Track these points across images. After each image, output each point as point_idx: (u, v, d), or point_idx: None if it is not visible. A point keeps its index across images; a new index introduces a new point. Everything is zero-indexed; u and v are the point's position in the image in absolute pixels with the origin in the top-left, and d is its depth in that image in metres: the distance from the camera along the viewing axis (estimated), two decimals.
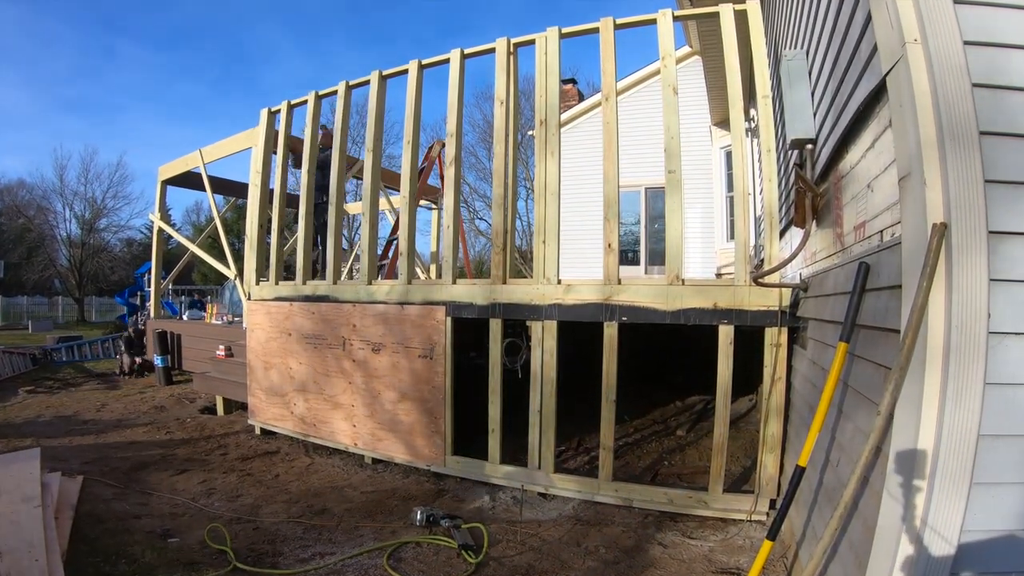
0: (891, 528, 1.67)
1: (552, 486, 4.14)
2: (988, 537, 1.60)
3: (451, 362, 4.49)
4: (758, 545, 3.23)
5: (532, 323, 4.26)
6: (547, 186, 4.21)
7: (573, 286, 4.09)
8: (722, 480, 3.70)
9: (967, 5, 1.72)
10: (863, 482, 1.91)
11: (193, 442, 5.76)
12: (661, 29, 3.92)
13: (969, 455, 1.58)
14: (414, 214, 5.03)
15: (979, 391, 1.58)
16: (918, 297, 1.61)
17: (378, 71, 5.02)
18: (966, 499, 1.58)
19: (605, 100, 4.08)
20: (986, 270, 1.59)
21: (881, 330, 1.94)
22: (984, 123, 1.64)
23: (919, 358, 1.64)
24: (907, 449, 1.65)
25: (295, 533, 3.60)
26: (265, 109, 6.08)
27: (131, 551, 3.27)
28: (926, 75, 1.69)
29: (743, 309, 3.65)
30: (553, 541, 3.45)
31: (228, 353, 7.55)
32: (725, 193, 9.23)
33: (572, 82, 13.38)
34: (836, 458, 2.37)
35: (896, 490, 1.67)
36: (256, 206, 6.13)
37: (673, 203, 3.87)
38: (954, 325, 1.59)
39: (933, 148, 1.65)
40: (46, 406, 7.40)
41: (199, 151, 9.08)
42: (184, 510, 3.97)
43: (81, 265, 29.05)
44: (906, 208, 1.76)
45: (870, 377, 2.02)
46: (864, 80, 2.20)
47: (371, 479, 4.70)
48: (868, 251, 2.18)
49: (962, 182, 1.61)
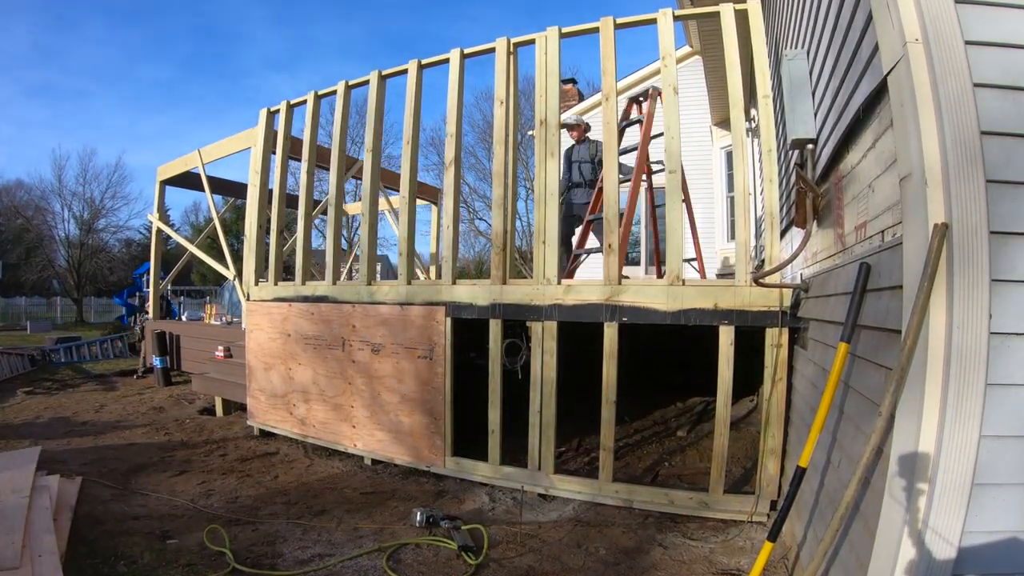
0: (892, 530, 1.66)
1: (552, 487, 4.13)
2: (990, 539, 1.59)
3: (451, 363, 4.48)
4: (759, 546, 3.22)
5: (532, 324, 4.25)
6: (547, 186, 4.20)
7: (573, 286, 4.09)
8: (723, 481, 3.69)
9: (969, 5, 1.72)
10: (864, 483, 1.90)
11: (192, 443, 5.74)
12: (661, 29, 3.92)
13: (971, 456, 1.57)
14: (413, 214, 5.02)
15: (980, 392, 1.57)
16: (919, 298, 1.61)
17: (377, 71, 5.01)
18: (968, 500, 1.58)
19: (605, 100, 4.07)
20: (988, 270, 1.58)
21: (882, 331, 1.94)
22: (986, 123, 1.64)
23: (920, 359, 1.63)
24: (908, 450, 1.64)
25: (294, 534, 3.59)
26: (264, 109, 6.08)
27: (130, 552, 3.26)
28: (927, 75, 1.69)
29: (744, 310, 3.64)
30: (553, 542, 3.45)
31: (227, 354, 7.53)
32: (726, 193, 9.24)
33: (572, 82, 13.37)
34: (837, 459, 2.37)
35: (897, 491, 1.66)
36: (255, 206, 6.12)
37: (674, 203, 3.87)
38: (955, 325, 1.58)
39: (935, 148, 1.64)
40: (44, 407, 7.38)
41: (198, 151, 9.07)
42: (183, 511, 3.96)
43: (80, 266, 29.03)
44: (907, 208, 1.75)
45: (871, 378, 2.02)
46: (865, 80, 2.19)
47: (371, 480, 4.69)
48: (869, 251, 2.17)
49: (964, 182, 1.61)
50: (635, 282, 4.08)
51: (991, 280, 1.58)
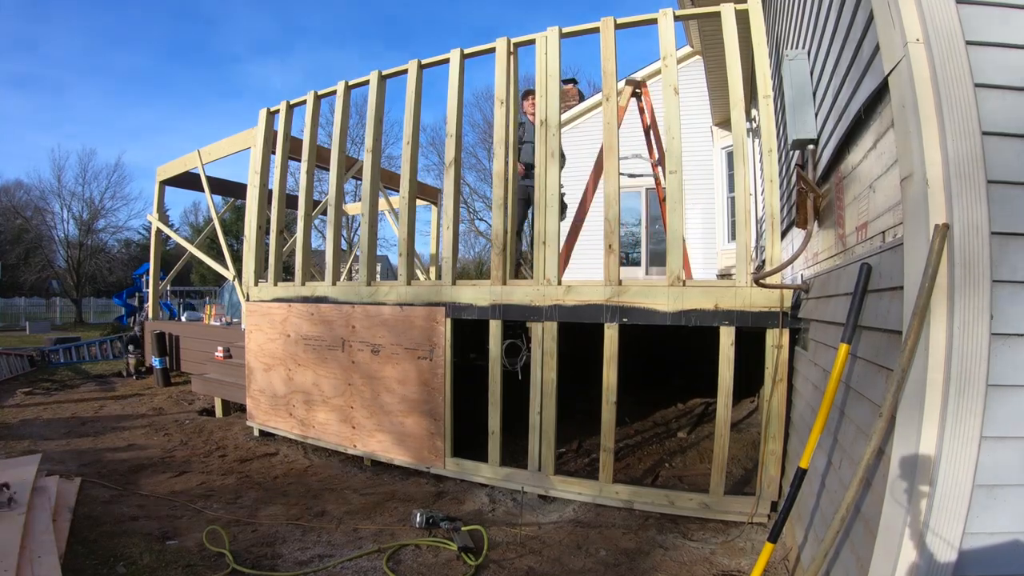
0: (893, 531, 1.65)
1: (552, 488, 4.13)
2: (992, 541, 1.59)
3: (451, 363, 4.48)
4: (759, 548, 3.21)
5: (532, 324, 4.25)
6: (547, 188, 4.20)
7: (574, 287, 4.08)
8: (723, 483, 3.69)
9: (970, 5, 1.71)
10: (865, 484, 1.89)
11: (191, 444, 5.73)
12: (662, 29, 3.91)
13: (972, 457, 1.57)
14: (413, 214, 5.01)
15: (982, 393, 1.56)
16: (920, 298, 1.60)
17: (377, 71, 5.01)
18: (969, 502, 1.57)
19: (606, 100, 4.07)
20: (989, 271, 1.58)
21: (883, 331, 1.93)
22: (987, 123, 1.63)
23: (921, 360, 1.63)
24: (909, 451, 1.64)
25: (294, 535, 3.58)
26: (264, 109, 6.07)
27: (129, 553, 3.25)
28: (928, 75, 1.68)
29: (744, 310, 3.63)
30: (553, 543, 3.44)
31: (227, 355, 7.53)
32: (726, 194, 9.22)
33: (573, 82, 13.36)
34: (838, 460, 2.36)
35: (898, 492, 1.66)
36: (255, 207, 6.11)
37: (674, 203, 3.87)
38: (956, 327, 1.57)
39: (935, 149, 1.64)
40: (43, 408, 7.37)
41: (197, 151, 9.07)
42: (182, 512, 3.95)
43: (79, 266, 29.01)
44: (908, 209, 1.75)
45: (872, 379, 2.01)
46: (866, 80, 2.19)
47: (370, 481, 4.68)
48: (870, 252, 2.17)
49: (965, 183, 1.60)
50: (636, 283, 4.08)
51: (992, 281, 1.58)
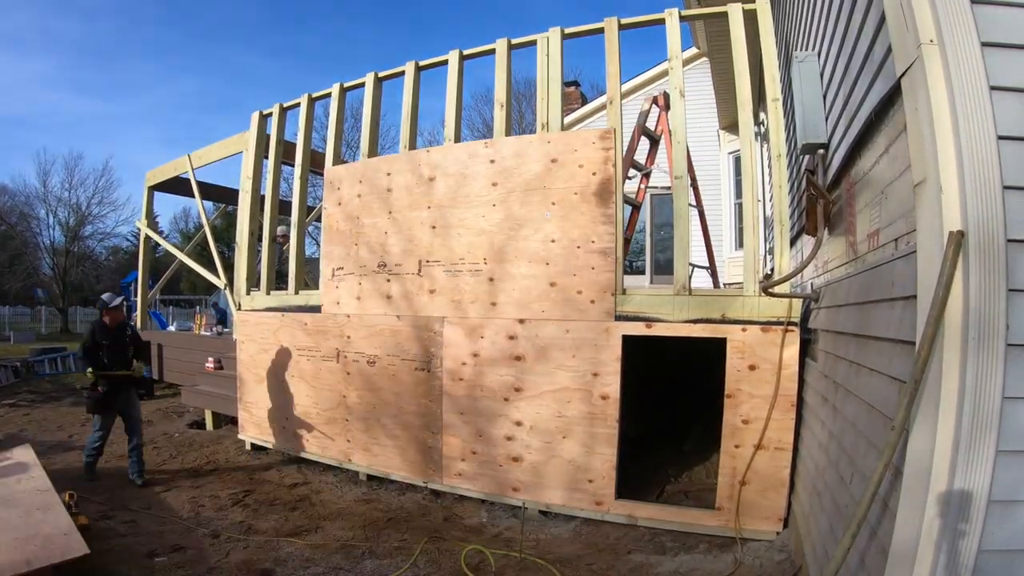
0: (906, 546, 1.60)
1: (553, 504, 4.00)
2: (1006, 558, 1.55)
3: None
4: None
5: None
6: None
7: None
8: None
9: (986, 5, 1.66)
10: (876, 500, 1.82)
11: (181, 457, 5.59)
12: (668, 29, 3.84)
13: (987, 471, 1.52)
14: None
15: (997, 406, 1.52)
16: (933, 308, 1.55)
17: (374, 73, 4.92)
18: (984, 517, 1.53)
19: (609, 103, 3.99)
20: (1004, 280, 1.53)
21: (896, 342, 1.87)
22: (1003, 127, 1.58)
23: (934, 371, 1.58)
24: (922, 465, 1.59)
25: (286, 552, 3.46)
26: (256, 112, 5.97)
27: (116, 570, 3.17)
28: (942, 78, 1.62)
29: (752, 320, 3.55)
30: (555, 560, 3.33)
31: (218, 366, 7.35)
32: (733, 200, 9.08)
33: (575, 84, 13.23)
34: (849, 475, 2.28)
35: (911, 507, 1.60)
36: (247, 213, 5.98)
37: (680, 210, 3.78)
38: (971, 337, 1.53)
39: (950, 153, 1.58)
40: (28, 420, 7.19)
41: (187, 156, 8.87)
42: (172, 528, 3.83)
43: (65, 274, 28.48)
44: (922, 216, 1.69)
45: (884, 391, 1.95)
46: (878, 83, 2.13)
47: (366, 496, 4.54)
48: (882, 260, 2.11)
49: (980, 189, 1.55)
50: (640, 291, 3.98)
51: (1008, 290, 1.53)
